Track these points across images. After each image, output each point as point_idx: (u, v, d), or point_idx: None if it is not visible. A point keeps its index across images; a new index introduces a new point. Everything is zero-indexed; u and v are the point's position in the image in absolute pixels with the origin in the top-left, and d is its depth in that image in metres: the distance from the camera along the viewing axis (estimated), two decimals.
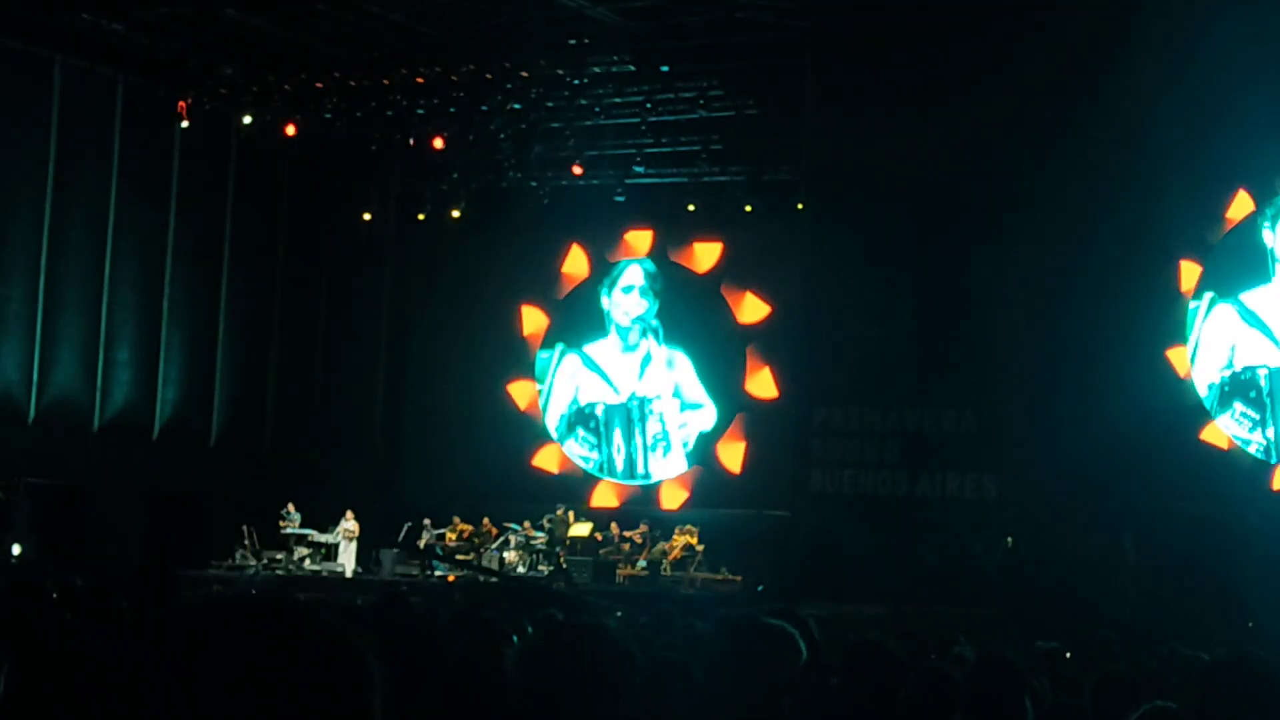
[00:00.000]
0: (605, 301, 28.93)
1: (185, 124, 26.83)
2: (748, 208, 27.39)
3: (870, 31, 23.53)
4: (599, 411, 28.65)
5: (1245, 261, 23.87)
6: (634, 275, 28.80)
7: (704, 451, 27.79)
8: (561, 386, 29.01)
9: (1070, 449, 23.63)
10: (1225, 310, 23.79)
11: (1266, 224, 23.71)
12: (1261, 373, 23.46)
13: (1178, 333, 24.05)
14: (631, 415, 28.37)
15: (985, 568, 22.56)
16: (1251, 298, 23.69)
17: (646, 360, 28.33)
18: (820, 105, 24.88)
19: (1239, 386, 23.53)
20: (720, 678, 4.45)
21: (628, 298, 28.70)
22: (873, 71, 23.62)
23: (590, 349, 28.89)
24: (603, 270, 29.06)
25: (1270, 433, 23.42)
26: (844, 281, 25.46)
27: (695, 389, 28.07)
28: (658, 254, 28.77)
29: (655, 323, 28.43)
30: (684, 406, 28.07)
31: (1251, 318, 23.59)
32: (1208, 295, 23.90)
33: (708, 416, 27.88)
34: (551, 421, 29.00)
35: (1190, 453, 23.69)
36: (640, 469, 28.31)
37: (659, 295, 28.59)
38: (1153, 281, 24.12)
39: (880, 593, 21.04)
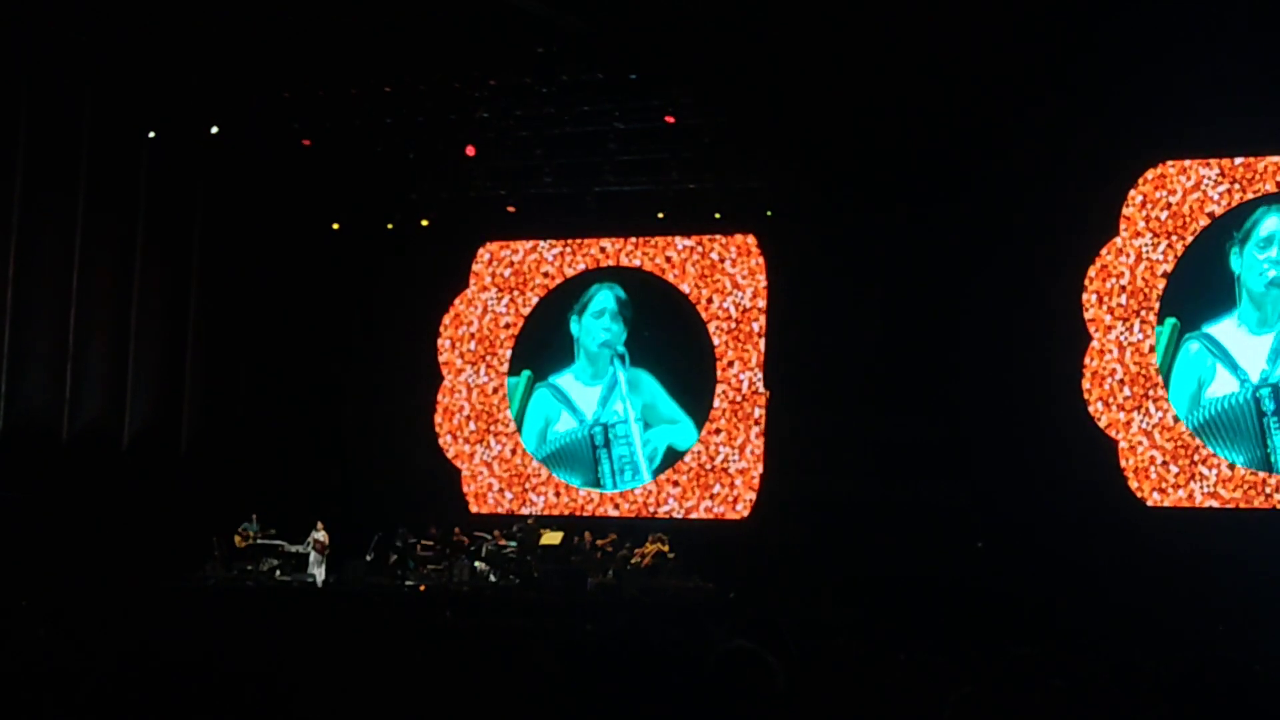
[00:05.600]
0: (575, 326, 28.85)
1: (153, 134, 26.77)
2: (717, 215, 27.43)
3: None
4: (568, 446, 28.57)
5: (1209, 289, 23.87)
6: (605, 300, 28.74)
7: (673, 464, 27.77)
8: (533, 420, 28.92)
9: (1040, 455, 23.77)
10: (1192, 344, 23.83)
11: (1235, 249, 23.75)
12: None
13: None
14: (595, 441, 28.29)
15: (957, 573, 22.64)
16: (1217, 330, 23.71)
17: (613, 385, 28.24)
18: (789, 114, 24.97)
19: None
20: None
21: (598, 322, 28.66)
22: (842, 85, 23.70)
23: (558, 380, 28.81)
24: (569, 290, 29.01)
25: None
26: (814, 289, 25.57)
27: (667, 406, 28.01)
28: (627, 266, 28.76)
29: (622, 349, 28.33)
30: (651, 426, 27.99)
31: (1219, 350, 23.63)
32: (1170, 322, 23.98)
33: (681, 432, 27.84)
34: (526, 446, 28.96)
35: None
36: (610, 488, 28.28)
37: (629, 322, 28.53)
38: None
39: (852, 599, 21.09)
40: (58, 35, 24.63)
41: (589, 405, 28.34)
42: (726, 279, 27.84)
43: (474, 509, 28.76)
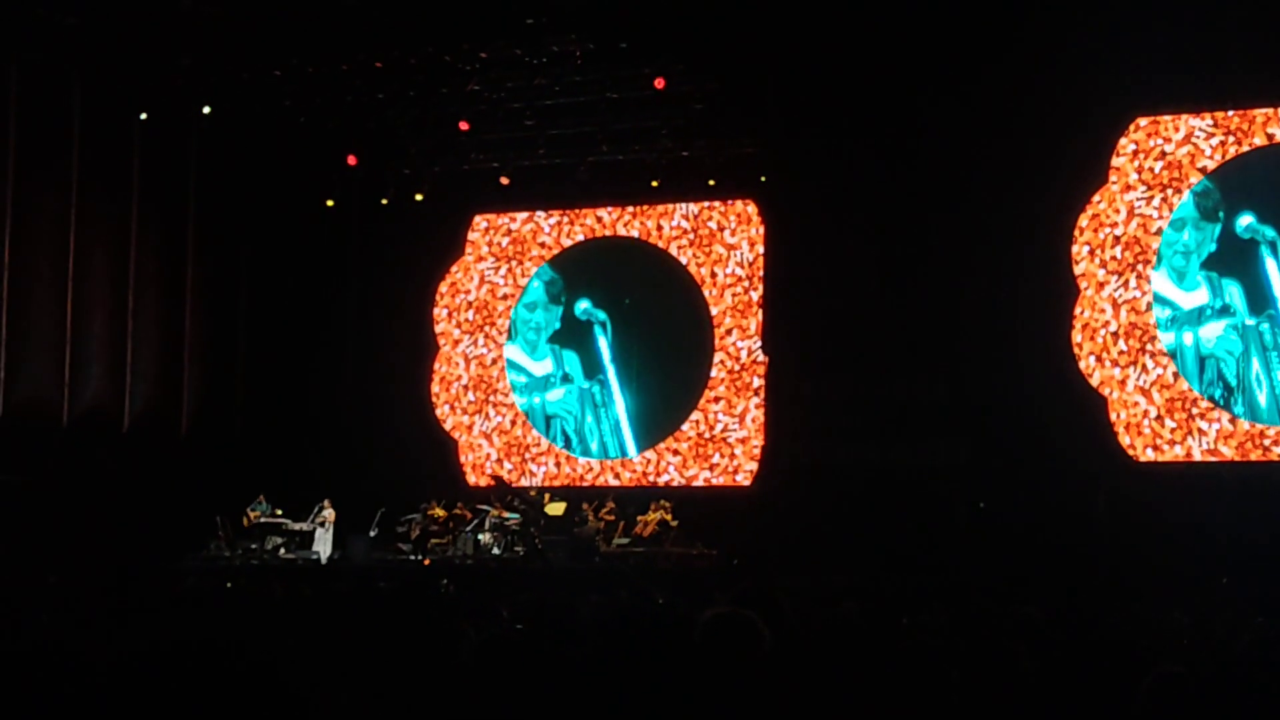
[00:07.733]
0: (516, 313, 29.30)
1: (145, 116, 26.70)
2: (711, 182, 27.43)
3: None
4: (563, 412, 28.79)
5: None
6: (534, 293, 29.13)
7: (662, 431, 27.95)
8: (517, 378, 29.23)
9: (1039, 411, 23.78)
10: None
11: None
12: None
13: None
14: (596, 399, 28.47)
15: (959, 533, 22.68)
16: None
17: (581, 356, 28.54)
18: (782, 78, 24.91)
19: None
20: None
21: (532, 315, 29.00)
22: (834, 47, 23.66)
23: (518, 353, 29.08)
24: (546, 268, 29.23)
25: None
26: (811, 253, 25.54)
27: (623, 376, 28.38)
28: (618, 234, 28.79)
29: (604, 316, 28.48)
30: (623, 392, 28.27)
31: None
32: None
33: (634, 405, 28.15)
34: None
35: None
36: (613, 451, 28.46)
37: (561, 300, 28.72)
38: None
39: (855, 562, 21.11)
40: (47, 18, 24.55)
41: (574, 372, 28.70)
42: (724, 248, 27.89)
43: (472, 481, 28.84)
